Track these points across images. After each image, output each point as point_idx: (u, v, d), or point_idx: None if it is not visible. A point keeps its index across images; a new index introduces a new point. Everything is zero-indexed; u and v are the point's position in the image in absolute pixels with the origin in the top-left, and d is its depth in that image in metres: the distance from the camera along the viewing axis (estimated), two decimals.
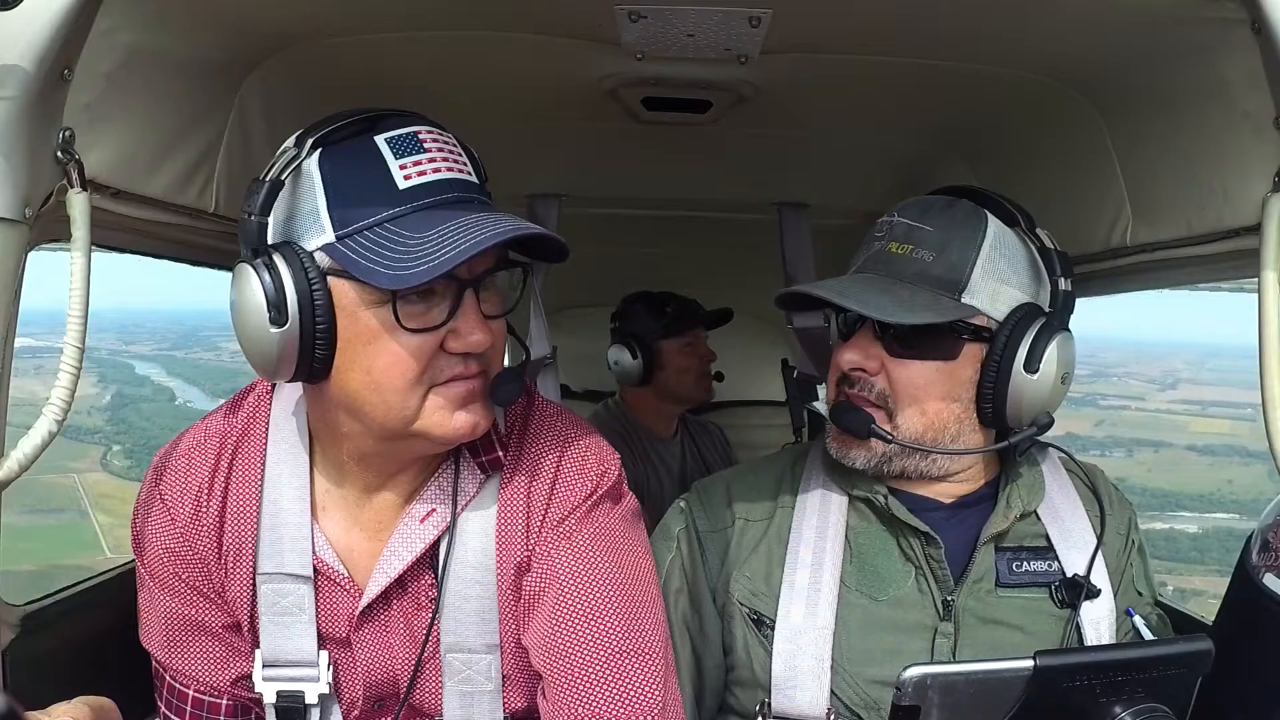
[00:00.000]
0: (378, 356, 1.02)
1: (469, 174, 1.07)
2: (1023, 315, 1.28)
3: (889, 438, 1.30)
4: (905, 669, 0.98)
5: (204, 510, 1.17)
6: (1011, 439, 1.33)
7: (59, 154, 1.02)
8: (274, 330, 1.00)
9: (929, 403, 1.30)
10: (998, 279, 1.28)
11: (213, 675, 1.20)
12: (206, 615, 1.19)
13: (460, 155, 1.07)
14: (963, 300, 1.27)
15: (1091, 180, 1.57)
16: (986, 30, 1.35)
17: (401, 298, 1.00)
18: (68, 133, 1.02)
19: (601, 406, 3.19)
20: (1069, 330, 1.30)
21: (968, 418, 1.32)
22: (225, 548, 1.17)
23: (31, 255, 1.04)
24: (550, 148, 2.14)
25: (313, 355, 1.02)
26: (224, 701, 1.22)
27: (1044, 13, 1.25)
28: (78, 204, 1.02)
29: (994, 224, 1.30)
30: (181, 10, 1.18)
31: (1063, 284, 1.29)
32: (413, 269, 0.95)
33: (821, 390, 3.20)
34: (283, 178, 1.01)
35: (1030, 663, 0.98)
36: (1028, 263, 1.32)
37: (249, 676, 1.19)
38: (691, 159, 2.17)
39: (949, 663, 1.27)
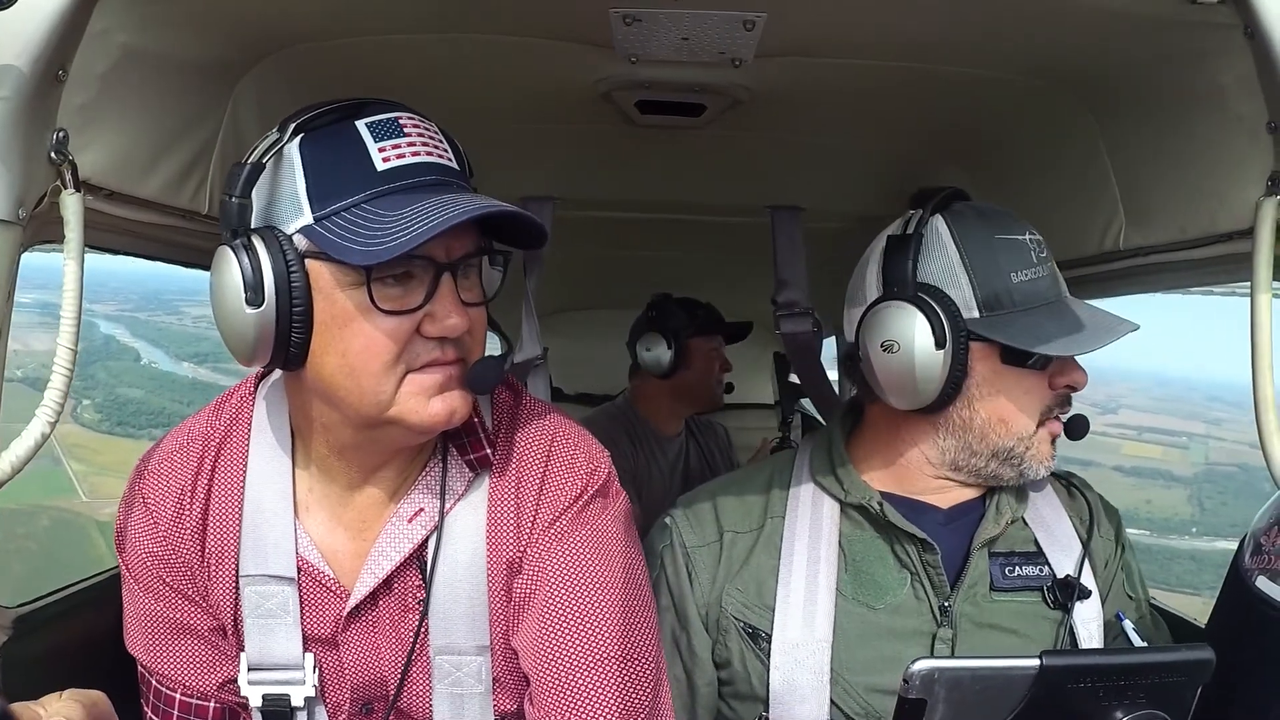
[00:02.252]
0: (353, 339, 1.01)
1: (449, 160, 1.07)
2: None
3: None
4: (913, 662, 0.98)
5: (186, 513, 1.16)
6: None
7: (53, 155, 1.01)
8: (250, 311, 0.99)
9: None
10: None
11: (199, 679, 1.19)
12: (191, 618, 1.17)
13: (441, 141, 1.07)
14: None
15: (1085, 184, 1.57)
16: (981, 35, 1.35)
17: (377, 279, 0.99)
18: (62, 134, 1.01)
19: (610, 404, 3.27)
20: None
21: None
22: (208, 550, 1.16)
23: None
24: (544, 150, 2.13)
25: (289, 338, 1.01)
26: (211, 705, 1.20)
27: (1038, 17, 1.26)
28: (71, 205, 1.01)
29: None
30: (177, 11, 1.18)
31: None
32: (385, 244, 0.95)
33: None
34: (264, 161, 1.01)
35: (1036, 662, 0.98)
36: None
37: (236, 680, 1.17)
38: (685, 162, 2.17)
39: (957, 658, 1.27)
